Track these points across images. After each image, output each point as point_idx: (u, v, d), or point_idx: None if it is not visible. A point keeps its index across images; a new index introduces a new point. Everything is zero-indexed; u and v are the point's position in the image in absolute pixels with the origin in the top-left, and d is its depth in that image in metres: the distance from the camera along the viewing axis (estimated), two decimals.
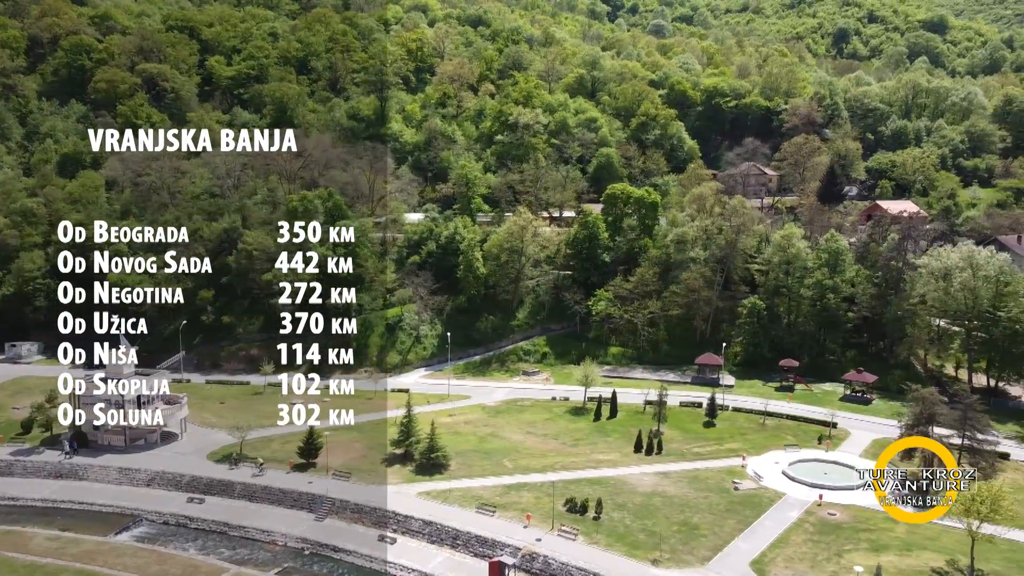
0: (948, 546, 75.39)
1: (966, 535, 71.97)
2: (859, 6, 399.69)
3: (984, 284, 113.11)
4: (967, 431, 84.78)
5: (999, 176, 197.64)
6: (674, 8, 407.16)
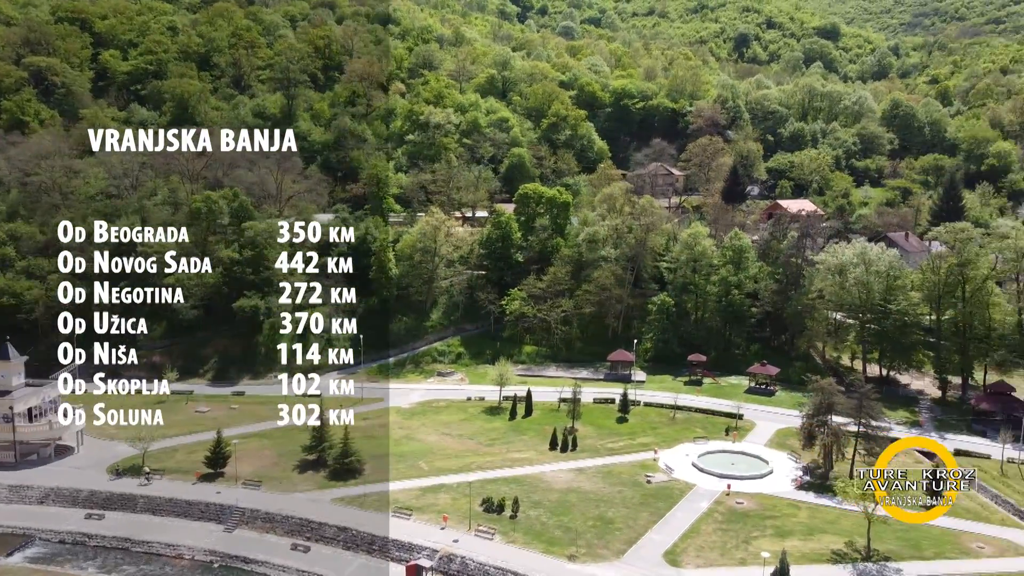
0: (847, 529, 79.00)
1: (863, 518, 75.67)
2: (758, 12, 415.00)
3: (876, 279, 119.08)
4: (862, 419, 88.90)
5: (888, 176, 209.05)
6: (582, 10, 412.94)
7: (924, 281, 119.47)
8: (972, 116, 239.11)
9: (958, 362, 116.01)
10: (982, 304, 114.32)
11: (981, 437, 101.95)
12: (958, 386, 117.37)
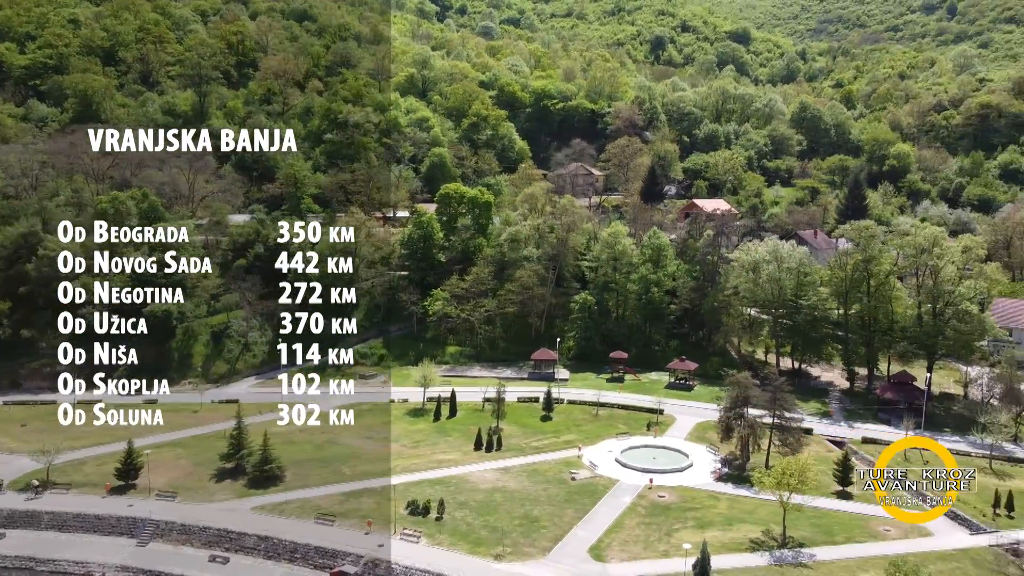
0: (764, 518, 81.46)
1: (778, 506, 78.22)
2: (673, 16, 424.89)
3: (787, 276, 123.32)
4: (777, 411, 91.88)
5: (797, 176, 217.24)
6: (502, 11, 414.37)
7: (832, 277, 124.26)
8: (874, 119, 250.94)
9: (864, 354, 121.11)
10: (885, 298, 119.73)
11: (886, 425, 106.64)
12: (864, 377, 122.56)
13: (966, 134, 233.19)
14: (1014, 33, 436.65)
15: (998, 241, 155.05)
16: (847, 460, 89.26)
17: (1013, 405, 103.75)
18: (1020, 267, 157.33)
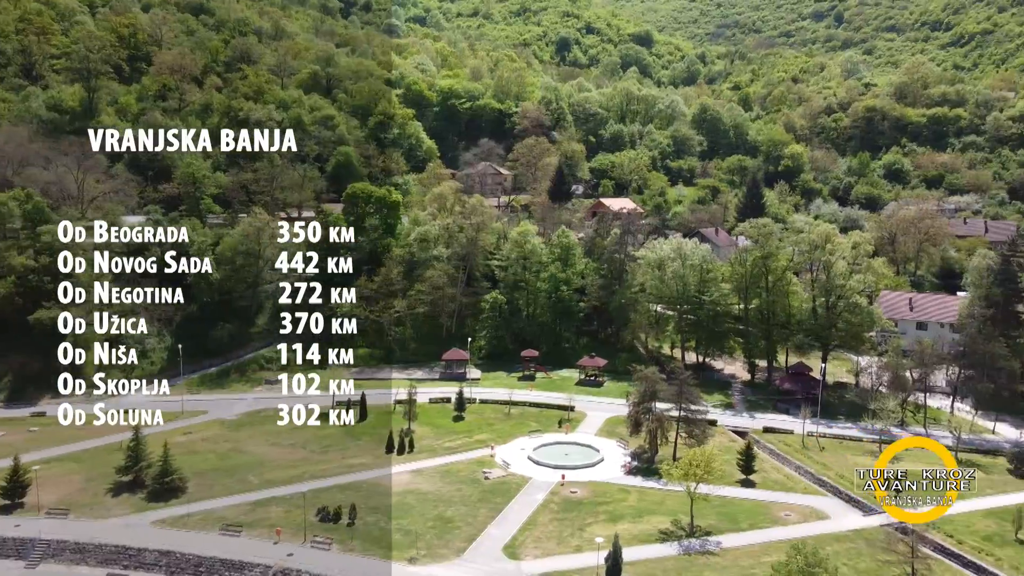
0: (672, 508, 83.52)
1: (686, 496, 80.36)
2: (578, 18, 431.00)
3: (691, 272, 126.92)
4: (683, 404, 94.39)
5: (699, 176, 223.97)
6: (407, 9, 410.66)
7: (733, 273, 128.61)
8: (769, 121, 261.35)
9: (764, 347, 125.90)
10: (783, 293, 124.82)
11: (785, 415, 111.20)
12: (764, 369, 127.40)
13: (854, 136, 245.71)
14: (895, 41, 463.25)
15: (884, 237, 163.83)
16: (750, 449, 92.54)
17: (899, 392, 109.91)
18: (904, 261, 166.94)
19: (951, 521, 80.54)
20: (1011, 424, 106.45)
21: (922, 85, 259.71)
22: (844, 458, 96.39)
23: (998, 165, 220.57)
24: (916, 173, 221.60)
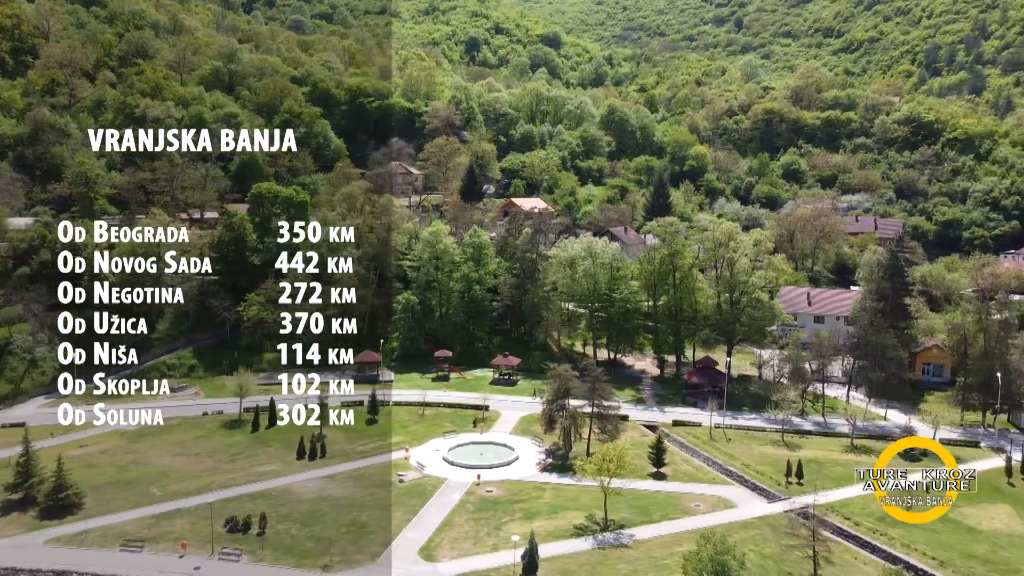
0: (586, 504, 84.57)
1: (600, 491, 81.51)
2: (487, 18, 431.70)
3: (601, 271, 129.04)
4: (595, 400, 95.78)
5: (608, 176, 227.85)
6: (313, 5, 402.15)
7: (642, 271, 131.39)
8: (675, 122, 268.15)
9: (672, 342, 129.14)
10: (689, 290, 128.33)
11: (693, 408, 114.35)
12: (673, 364, 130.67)
13: (754, 137, 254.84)
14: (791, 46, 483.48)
15: (783, 234, 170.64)
16: (660, 443, 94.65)
17: (799, 383, 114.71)
18: (802, 258, 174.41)
19: (848, 504, 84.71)
20: (900, 410, 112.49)
21: (816, 89, 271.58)
22: (749, 448, 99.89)
23: (885, 166, 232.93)
24: (812, 173, 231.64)
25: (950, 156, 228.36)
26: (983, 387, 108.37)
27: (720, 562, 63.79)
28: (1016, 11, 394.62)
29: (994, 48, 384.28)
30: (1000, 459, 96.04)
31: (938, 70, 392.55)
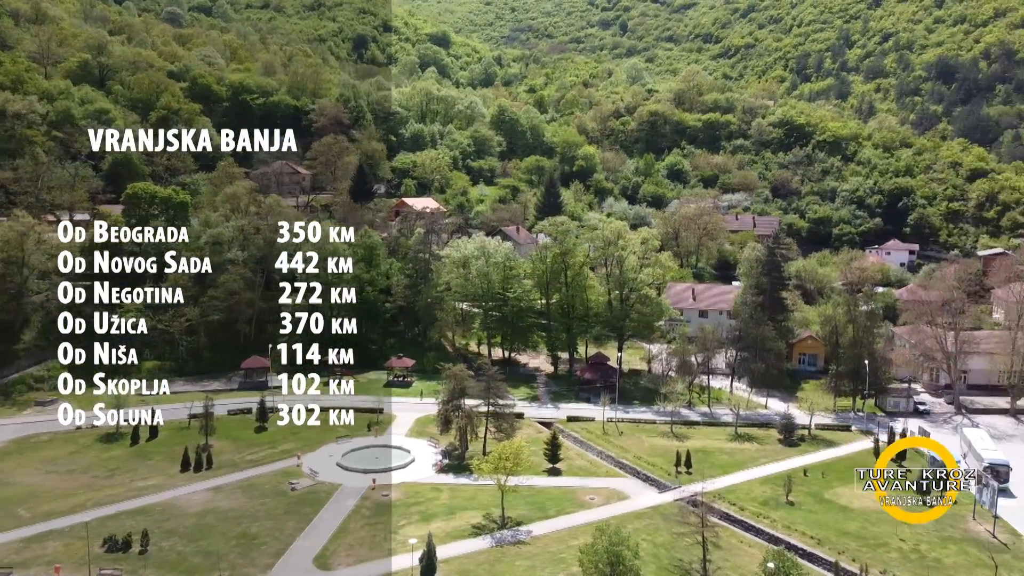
0: (484, 502, 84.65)
1: (497, 489, 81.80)
2: (375, 15, 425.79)
3: (495, 270, 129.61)
4: (491, 399, 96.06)
5: (499, 175, 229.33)
6: None
7: (535, 270, 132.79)
8: (564, 123, 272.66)
9: (565, 339, 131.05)
10: (581, 287, 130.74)
11: (586, 403, 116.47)
12: (567, 361, 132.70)
13: (640, 138, 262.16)
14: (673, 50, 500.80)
15: (669, 233, 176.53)
16: (555, 439, 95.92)
17: (686, 375, 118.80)
18: (687, 255, 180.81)
19: (734, 490, 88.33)
20: (780, 399, 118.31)
21: (697, 92, 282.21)
22: (641, 440, 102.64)
23: (762, 166, 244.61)
24: (695, 173, 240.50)
25: (820, 157, 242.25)
26: (853, 374, 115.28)
27: (615, 553, 65.14)
28: (876, 22, 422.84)
29: (857, 56, 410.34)
30: (868, 441, 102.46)
31: (808, 76, 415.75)
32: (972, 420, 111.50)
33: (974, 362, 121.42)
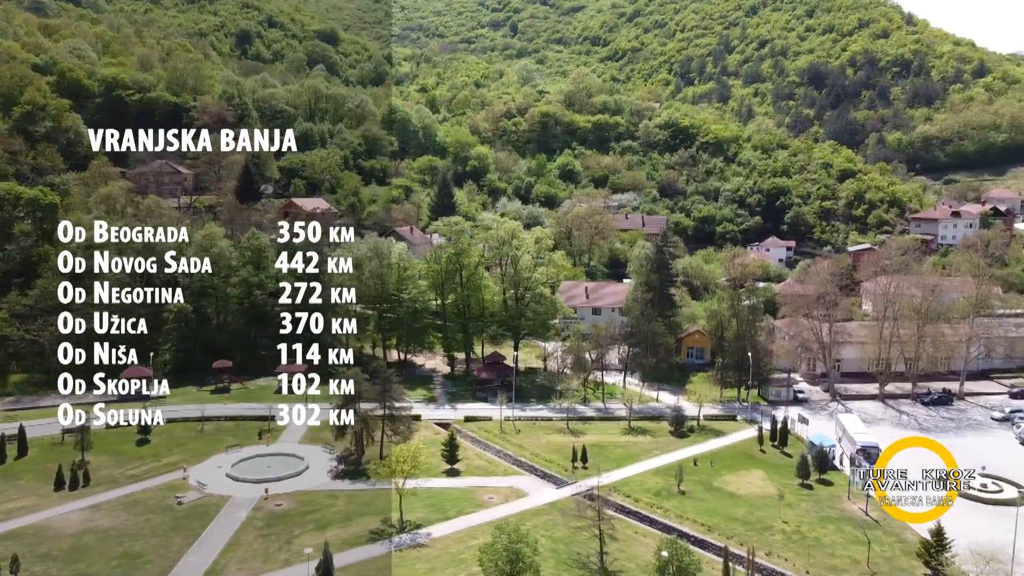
0: (382, 507, 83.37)
1: (395, 493, 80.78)
2: (259, 10, 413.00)
3: (389, 271, 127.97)
4: (387, 402, 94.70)
5: (392, 175, 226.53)
6: None
7: (429, 270, 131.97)
8: (456, 123, 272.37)
9: (461, 339, 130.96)
10: (476, 287, 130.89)
11: (484, 403, 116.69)
12: (463, 361, 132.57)
13: (532, 139, 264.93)
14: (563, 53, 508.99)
15: (562, 232, 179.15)
16: (453, 440, 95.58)
17: (581, 372, 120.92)
18: (579, 253, 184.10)
19: (629, 483, 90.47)
20: (670, 392, 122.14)
21: (587, 94, 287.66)
22: (538, 438, 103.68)
23: (650, 167, 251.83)
24: (586, 173, 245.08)
25: (704, 158, 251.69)
26: (737, 366, 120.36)
27: (514, 550, 65.49)
28: (753, 29, 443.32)
29: (736, 61, 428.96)
30: (753, 430, 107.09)
31: (691, 79, 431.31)
32: (846, 406, 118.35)
33: (847, 351, 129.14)
